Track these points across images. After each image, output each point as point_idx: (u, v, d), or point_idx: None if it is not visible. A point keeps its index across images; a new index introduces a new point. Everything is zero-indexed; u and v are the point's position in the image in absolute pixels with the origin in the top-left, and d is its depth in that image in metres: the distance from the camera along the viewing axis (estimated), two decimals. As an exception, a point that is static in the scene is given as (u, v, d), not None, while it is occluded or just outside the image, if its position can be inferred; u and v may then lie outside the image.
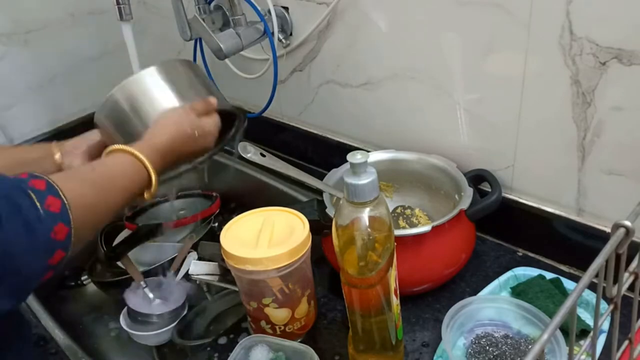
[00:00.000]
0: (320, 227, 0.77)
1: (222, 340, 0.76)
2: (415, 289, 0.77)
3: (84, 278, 1.06)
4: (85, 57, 1.28)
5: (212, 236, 1.02)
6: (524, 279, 0.77)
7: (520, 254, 0.85)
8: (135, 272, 0.91)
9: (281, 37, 1.00)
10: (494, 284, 0.77)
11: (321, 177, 0.84)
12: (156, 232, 1.01)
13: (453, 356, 0.66)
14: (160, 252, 1.00)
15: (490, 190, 0.80)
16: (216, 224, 1.06)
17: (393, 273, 0.61)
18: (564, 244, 0.80)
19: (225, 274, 0.82)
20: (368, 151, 0.88)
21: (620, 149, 0.70)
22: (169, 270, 0.93)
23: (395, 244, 0.59)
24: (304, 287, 0.71)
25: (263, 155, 0.77)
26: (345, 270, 0.60)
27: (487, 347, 0.67)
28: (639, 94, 0.66)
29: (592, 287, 0.53)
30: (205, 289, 0.92)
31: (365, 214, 0.55)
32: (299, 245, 0.67)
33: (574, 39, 0.67)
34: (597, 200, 0.76)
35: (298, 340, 0.72)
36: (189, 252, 0.96)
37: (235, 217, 0.73)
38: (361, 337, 0.65)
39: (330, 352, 0.72)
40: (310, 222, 0.71)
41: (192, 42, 1.04)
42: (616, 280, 0.40)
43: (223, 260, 0.69)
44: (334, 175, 0.86)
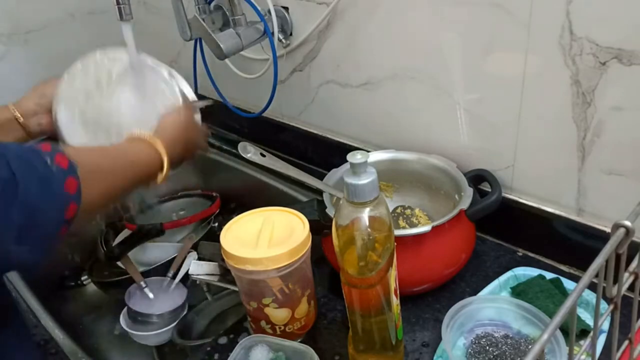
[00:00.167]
0: (320, 227, 0.77)
1: (222, 340, 0.76)
2: (415, 289, 0.77)
3: (84, 278, 1.07)
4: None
5: (212, 236, 1.02)
6: (524, 279, 0.77)
7: (520, 254, 0.85)
8: (135, 272, 0.91)
9: (281, 37, 0.99)
10: (494, 284, 0.77)
11: (321, 177, 0.84)
12: (156, 232, 1.01)
13: (453, 356, 0.66)
14: (160, 252, 1.00)
15: (490, 190, 0.80)
16: (216, 224, 1.06)
17: (393, 273, 0.61)
18: (564, 244, 0.80)
19: (225, 274, 0.82)
20: (368, 151, 0.88)
21: (620, 149, 0.70)
22: (169, 270, 0.93)
23: (395, 244, 0.59)
24: (304, 287, 0.71)
25: (263, 155, 0.77)
26: (345, 270, 0.60)
27: (487, 347, 0.67)
28: (639, 94, 0.66)
29: (592, 287, 0.53)
30: (205, 289, 0.92)
31: (365, 214, 0.55)
32: (299, 245, 0.67)
33: (574, 39, 0.67)
34: (597, 200, 0.76)
35: (298, 340, 0.72)
36: (189, 252, 0.96)
37: (235, 217, 0.73)
38: (361, 337, 0.65)
39: (330, 352, 0.72)
40: (310, 222, 0.71)
41: (192, 42, 1.04)
42: (616, 280, 0.40)
43: (223, 260, 0.69)
44: (334, 175, 0.86)
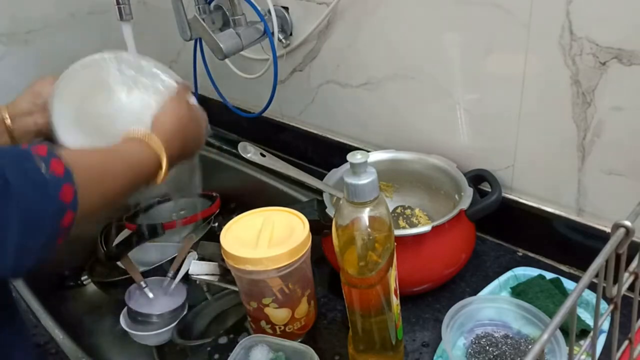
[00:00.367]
0: (320, 227, 0.77)
1: (222, 340, 0.76)
2: (415, 289, 0.77)
3: (84, 278, 1.07)
4: (85, 57, 1.28)
5: (212, 236, 1.02)
6: (524, 279, 0.77)
7: (520, 254, 0.85)
8: (135, 272, 0.91)
9: (281, 37, 0.99)
10: (494, 284, 0.77)
11: (321, 177, 0.84)
12: (156, 232, 1.01)
13: (453, 356, 0.66)
14: (160, 252, 1.00)
15: (490, 190, 0.80)
16: (216, 224, 1.06)
17: (393, 273, 0.61)
18: (564, 244, 0.80)
19: (225, 274, 0.82)
20: (368, 151, 0.88)
21: (620, 149, 0.70)
22: (169, 270, 0.93)
23: (395, 244, 0.59)
24: (304, 287, 0.71)
25: (263, 155, 0.77)
26: (345, 270, 0.60)
27: (487, 347, 0.67)
28: (639, 94, 0.66)
29: (592, 287, 0.53)
30: (205, 289, 0.92)
31: (365, 214, 0.55)
32: (299, 245, 0.67)
33: (574, 39, 0.67)
34: (597, 200, 0.76)
35: (298, 340, 0.72)
36: (189, 252, 0.96)
37: (235, 217, 0.73)
38: (361, 337, 0.65)
39: (330, 352, 0.72)
40: (310, 222, 0.71)
41: (192, 42, 1.04)
42: (616, 280, 0.40)
43: (223, 260, 0.69)
44: (334, 175, 0.86)
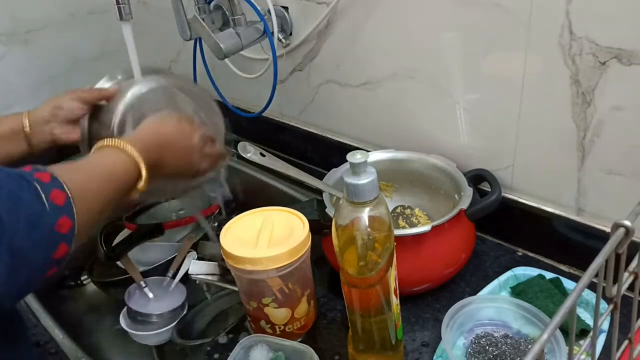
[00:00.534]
0: (320, 227, 0.77)
1: (222, 340, 0.76)
2: (415, 289, 0.77)
3: (84, 278, 1.06)
4: (85, 57, 1.28)
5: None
6: (524, 279, 0.77)
7: (520, 254, 0.85)
8: (135, 272, 0.90)
9: (281, 37, 0.99)
10: (494, 284, 0.77)
11: (321, 177, 0.84)
12: (156, 232, 1.01)
13: (453, 356, 0.66)
14: (160, 252, 1.00)
15: (490, 190, 0.80)
16: (216, 224, 1.06)
17: (393, 273, 0.61)
18: (564, 244, 0.80)
19: (225, 274, 0.82)
20: (368, 151, 0.88)
21: (620, 149, 0.70)
22: (169, 270, 0.93)
23: (395, 244, 0.59)
24: (304, 287, 0.71)
25: (263, 155, 0.77)
26: (345, 270, 0.60)
27: (487, 347, 0.67)
28: (639, 94, 0.66)
29: (592, 287, 0.53)
30: (205, 289, 0.91)
31: (365, 214, 0.55)
32: (299, 245, 0.67)
33: (574, 39, 0.67)
34: (597, 200, 0.76)
35: (298, 340, 0.72)
36: (189, 252, 0.96)
37: (235, 217, 0.73)
38: (361, 337, 0.65)
39: (330, 352, 0.72)
40: (310, 222, 0.71)
41: (192, 42, 1.04)
42: (616, 280, 0.40)
43: (223, 260, 0.69)
44: (334, 175, 0.86)
